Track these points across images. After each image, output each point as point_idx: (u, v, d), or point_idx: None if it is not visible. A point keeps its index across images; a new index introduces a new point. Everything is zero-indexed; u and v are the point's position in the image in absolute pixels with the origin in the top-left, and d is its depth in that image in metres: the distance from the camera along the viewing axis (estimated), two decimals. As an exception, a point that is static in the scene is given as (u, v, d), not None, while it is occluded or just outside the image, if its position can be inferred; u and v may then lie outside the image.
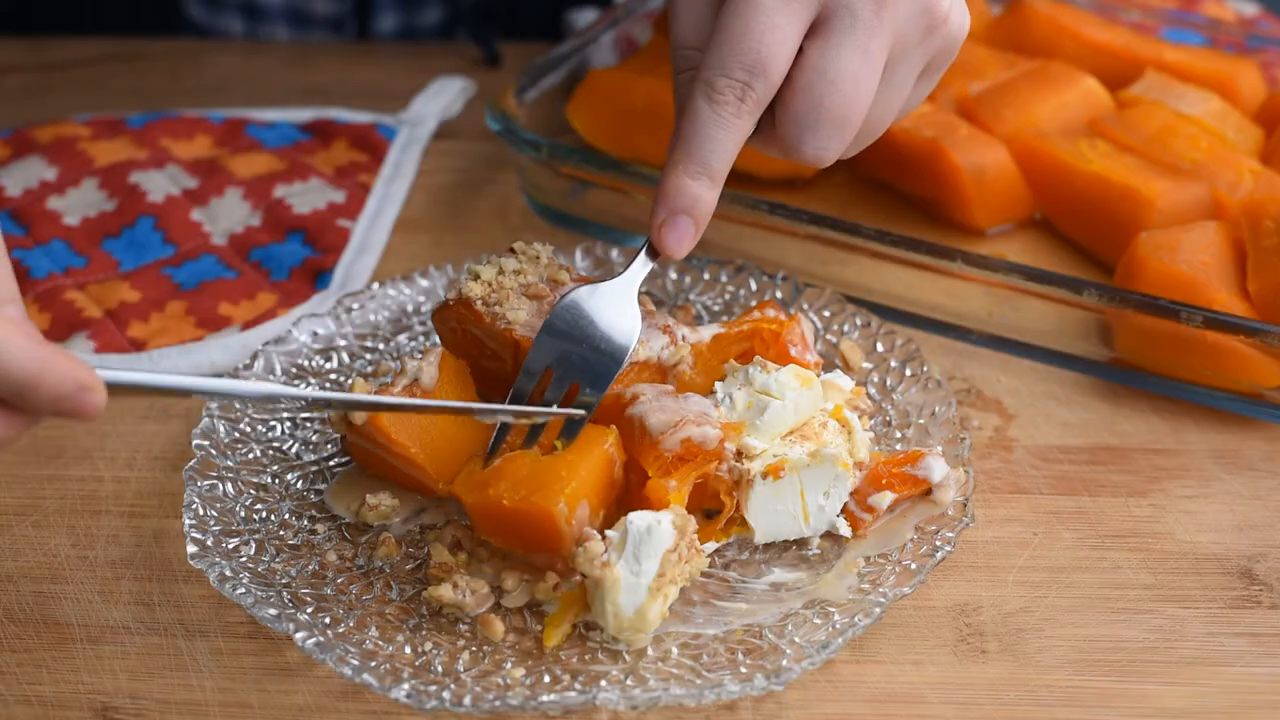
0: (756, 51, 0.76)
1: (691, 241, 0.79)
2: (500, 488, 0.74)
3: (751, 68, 0.76)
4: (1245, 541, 0.82)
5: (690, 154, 0.77)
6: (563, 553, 0.74)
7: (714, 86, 0.76)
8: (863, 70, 0.77)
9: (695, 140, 0.77)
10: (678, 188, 0.78)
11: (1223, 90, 1.11)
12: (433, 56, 1.34)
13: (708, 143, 0.77)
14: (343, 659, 0.71)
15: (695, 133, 0.77)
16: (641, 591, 0.71)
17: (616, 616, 0.71)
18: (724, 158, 0.78)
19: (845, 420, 0.80)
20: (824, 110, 0.77)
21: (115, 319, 0.96)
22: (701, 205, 0.78)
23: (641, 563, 0.71)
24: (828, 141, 0.78)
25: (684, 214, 0.78)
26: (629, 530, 0.72)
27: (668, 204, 0.78)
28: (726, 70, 0.76)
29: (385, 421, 0.78)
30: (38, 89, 1.28)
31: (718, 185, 0.78)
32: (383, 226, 1.08)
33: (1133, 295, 0.88)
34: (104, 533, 0.82)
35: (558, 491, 0.73)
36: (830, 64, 0.77)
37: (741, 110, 0.77)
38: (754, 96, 0.76)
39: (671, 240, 0.78)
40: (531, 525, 0.74)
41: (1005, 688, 0.74)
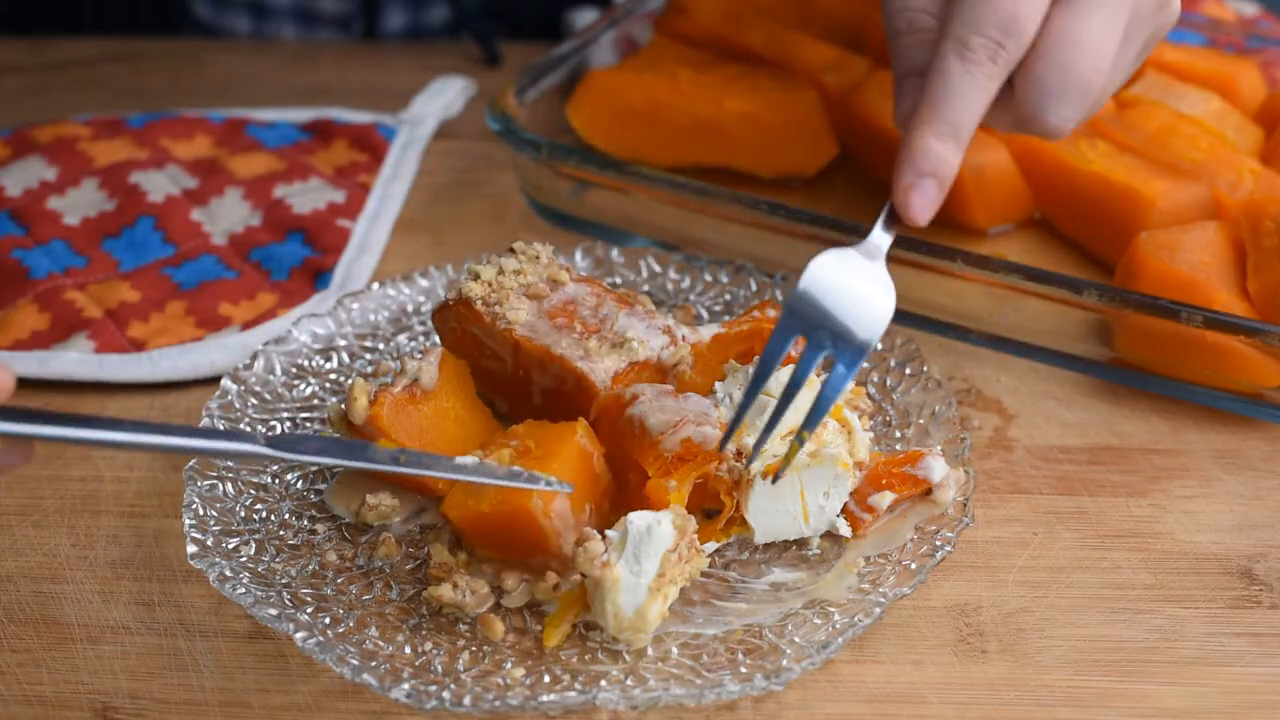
0: (1013, 11, 0.74)
1: (935, 207, 0.76)
2: (479, 496, 0.74)
3: (1006, 27, 0.74)
4: (1245, 541, 0.82)
5: (940, 114, 0.75)
6: (551, 550, 0.74)
7: (968, 45, 0.75)
8: (1108, 38, 0.76)
9: (947, 100, 0.75)
10: (925, 148, 0.76)
11: (1223, 90, 1.11)
12: (433, 56, 1.34)
13: (959, 102, 0.75)
14: (343, 659, 0.71)
15: (947, 92, 0.75)
16: (641, 591, 0.71)
17: (617, 616, 0.71)
18: (972, 119, 0.76)
19: (845, 420, 0.80)
20: (1071, 77, 0.76)
21: (115, 319, 0.96)
22: (947, 167, 0.76)
23: (641, 563, 0.71)
24: (1072, 111, 0.77)
25: (930, 176, 0.76)
26: (629, 530, 0.72)
27: (915, 165, 0.76)
28: (981, 29, 0.74)
29: (385, 421, 0.78)
30: (38, 89, 1.28)
31: (963, 149, 0.76)
32: (383, 226, 1.08)
33: (1133, 295, 0.88)
34: (104, 533, 0.82)
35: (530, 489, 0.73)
36: (1080, 30, 0.75)
37: (994, 71, 0.75)
38: (1005, 57, 0.75)
39: (919, 204, 0.76)
40: (514, 527, 0.74)
41: (1005, 688, 0.74)
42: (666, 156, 1.10)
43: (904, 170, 0.76)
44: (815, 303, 0.75)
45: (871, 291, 0.76)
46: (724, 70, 1.12)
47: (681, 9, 1.18)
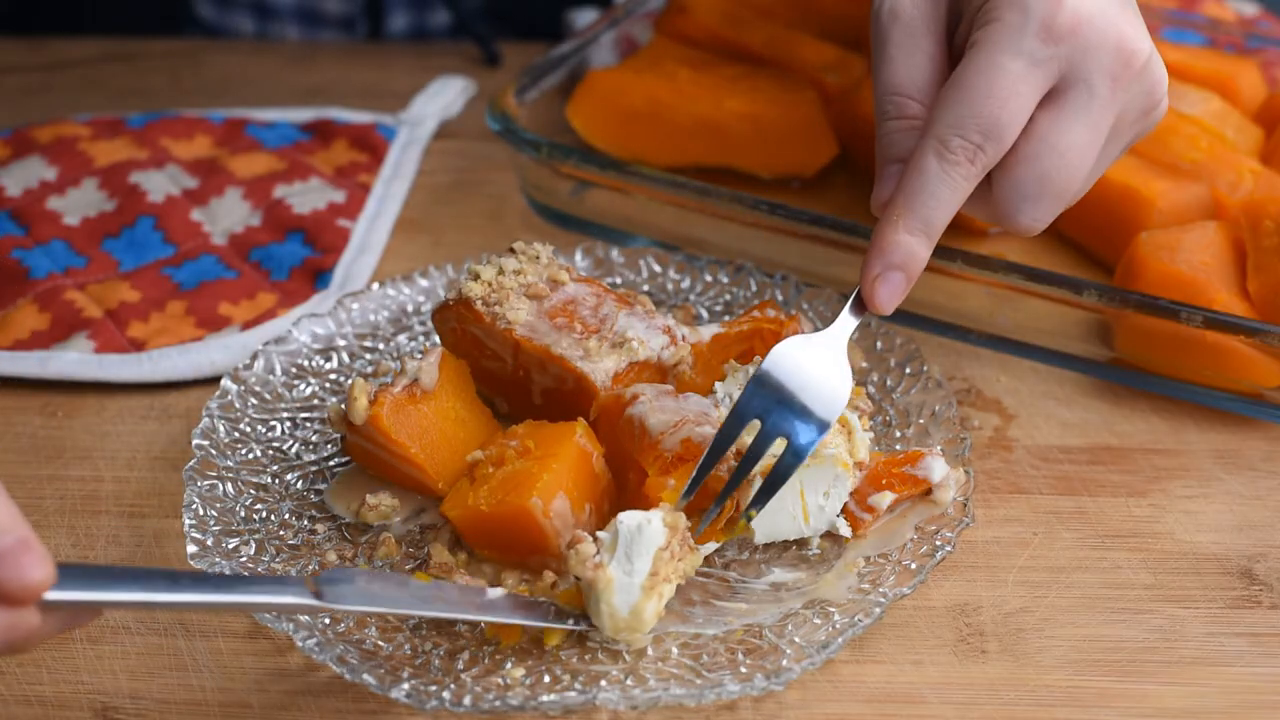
0: (996, 116, 0.76)
1: (901, 298, 0.78)
2: (478, 496, 0.74)
3: (988, 131, 0.76)
4: (1245, 541, 0.82)
5: (914, 210, 0.77)
6: (551, 550, 0.74)
7: (948, 145, 0.76)
8: (1090, 146, 0.78)
9: (921, 197, 0.77)
10: (895, 243, 0.77)
11: (1223, 90, 1.11)
12: (433, 56, 1.34)
13: (932, 201, 0.77)
14: (342, 659, 0.71)
15: (922, 189, 0.77)
16: (635, 591, 0.71)
17: (612, 617, 0.71)
18: (944, 217, 0.77)
19: (845, 420, 0.80)
20: (1048, 183, 0.78)
21: (115, 319, 0.96)
22: (915, 262, 0.78)
23: (634, 562, 0.71)
24: (1045, 214, 0.79)
25: (898, 270, 0.77)
26: (619, 530, 0.72)
27: (884, 258, 0.77)
28: (963, 130, 0.76)
29: (385, 421, 0.78)
30: (38, 89, 1.28)
31: (932, 244, 0.78)
32: (383, 226, 1.08)
33: (1133, 295, 0.88)
34: (104, 533, 0.82)
35: (530, 488, 0.73)
36: (1061, 137, 0.77)
37: (970, 173, 0.77)
38: (984, 160, 0.76)
39: (884, 295, 0.78)
40: (513, 527, 0.74)
41: (1005, 688, 0.74)
42: (666, 156, 1.10)
43: (873, 262, 0.78)
44: (776, 383, 0.76)
45: (829, 375, 0.77)
46: (724, 70, 1.12)
47: (681, 9, 1.18)
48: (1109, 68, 0.77)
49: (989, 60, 0.76)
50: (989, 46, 0.76)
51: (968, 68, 0.77)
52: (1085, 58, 0.77)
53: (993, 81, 0.76)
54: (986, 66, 0.76)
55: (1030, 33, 0.76)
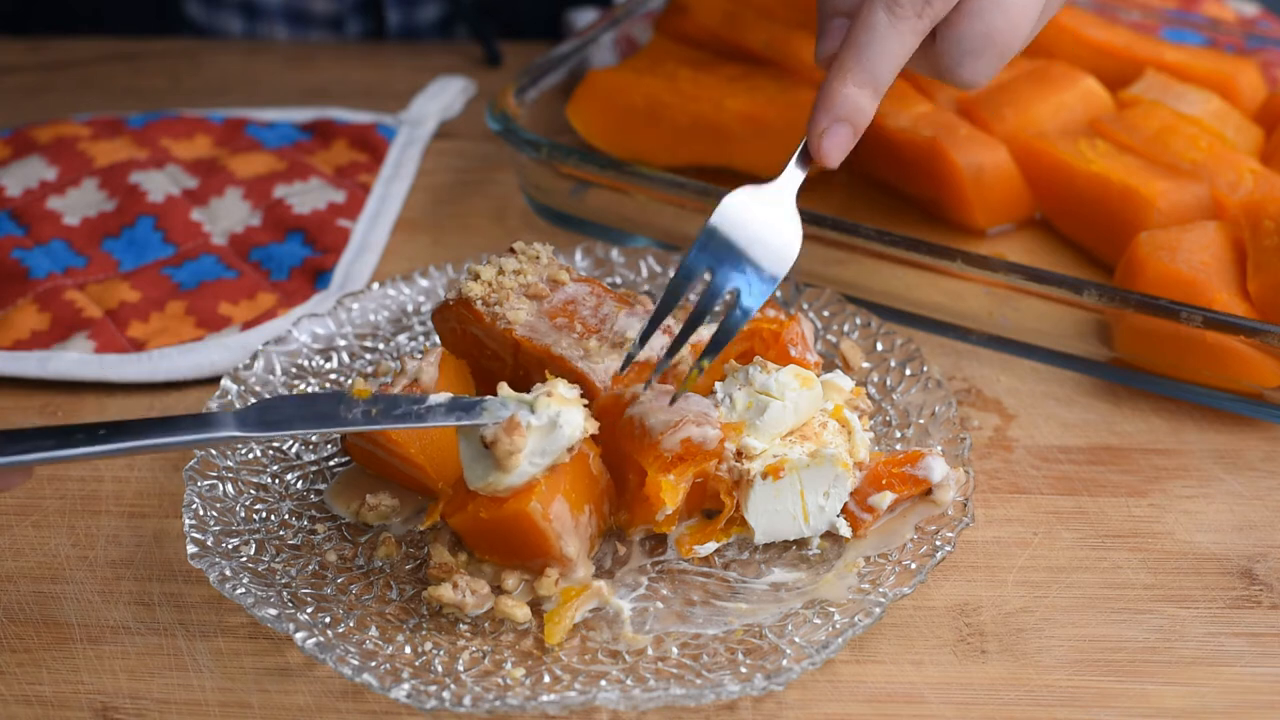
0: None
1: (847, 150, 0.78)
2: (477, 503, 0.74)
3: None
4: (1245, 541, 0.82)
5: (861, 63, 0.77)
6: (552, 553, 0.74)
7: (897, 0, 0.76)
8: (1033, 5, 0.78)
9: (869, 51, 0.76)
10: (844, 95, 0.77)
11: (1223, 90, 1.11)
12: (433, 56, 1.34)
13: (882, 54, 0.76)
14: (343, 659, 0.71)
15: (870, 43, 0.76)
16: (523, 478, 0.72)
17: (489, 483, 0.72)
18: (891, 70, 0.77)
19: (845, 420, 0.80)
20: (992, 38, 0.77)
21: (115, 319, 0.96)
22: (862, 114, 0.77)
23: (542, 457, 0.72)
24: (986, 69, 0.79)
25: (845, 122, 0.77)
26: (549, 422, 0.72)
27: (831, 110, 0.77)
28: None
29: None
30: (38, 89, 1.28)
31: (879, 97, 0.78)
32: (383, 226, 1.08)
33: (1133, 295, 0.88)
34: (104, 533, 0.82)
35: (529, 492, 0.73)
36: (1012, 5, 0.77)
37: (918, 26, 0.76)
38: (931, 14, 0.76)
39: (830, 147, 0.77)
40: (514, 531, 0.74)
41: (1005, 688, 0.74)
42: (666, 156, 1.10)
43: (819, 115, 0.78)
44: (725, 237, 0.76)
45: (781, 228, 0.77)
46: (724, 70, 1.12)
47: (681, 9, 1.18)
48: None
49: None
50: None
51: None
52: None
53: None
54: None
55: None
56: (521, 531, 0.73)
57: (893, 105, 1.08)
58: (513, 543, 0.75)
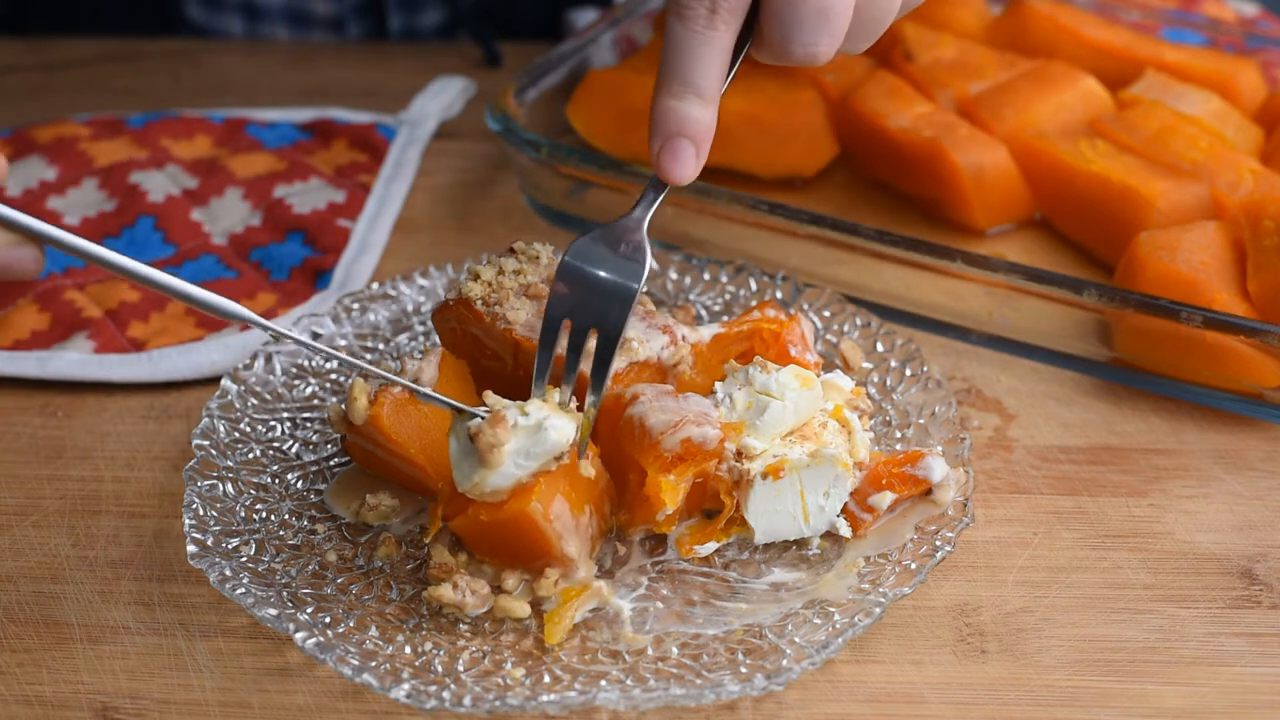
0: None
1: (694, 164, 0.76)
2: (477, 506, 0.74)
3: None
4: (1245, 541, 0.82)
5: (670, 74, 0.75)
6: (554, 554, 0.74)
7: (681, 3, 0.75)
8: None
9: (676, 61, 0.75)
10: (665, 110, 0.76)
11: (1223, 90, 1.11)
12: (433, 56, 1.34)
13: (685, 59, 0.75)
14: (343, 659, 0.71)
15: (675, 53, 0.75)
16: (507, 480, 0.72)
17: (476, 484, 0.72)
18: (707, 73, 0.75)
19: (845, 420, 0.80)
20: (804, 5, 0.74)
21: (115, 319, 0.96)
22: (692, 124, 0.76)
23: (528, 460, 0.72)
24: (814, 36, 0.76)
25: (677, 136, 0.76)
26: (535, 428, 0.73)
27: (659, 129, 0.76)
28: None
29: (385, 421, 0.78)
30: (38, 89, 1.28)
31: (709, 102, 0.76)
32: (383, 226, 1.08)
33: (1133, 295, 0.88)
34: (104, 533, 0.82)
35: (529, 493, 0.73)
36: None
37: (715, 22, 0.75)
38: (725, 5, 0.74)
39: (670, 165, 0.76)
40: (515, 533, 0.74)
41: (1005, 688, 0.74)
42: (666, 156, 1.09)
43: (652, 137, 0.76)
44: (576, 272, 0.76)
45: (630, 255, 0.77)
46: (724, 70, 1.12)
47: (681, 9, 1.18)
48: None
49: None
50: None
51: None
52: None
53: None
54: None
55: None
56: (522, 532, 0.73)
57: (893, 105, 1.08)
58: (514, 544, 0.75)
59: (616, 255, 0.77)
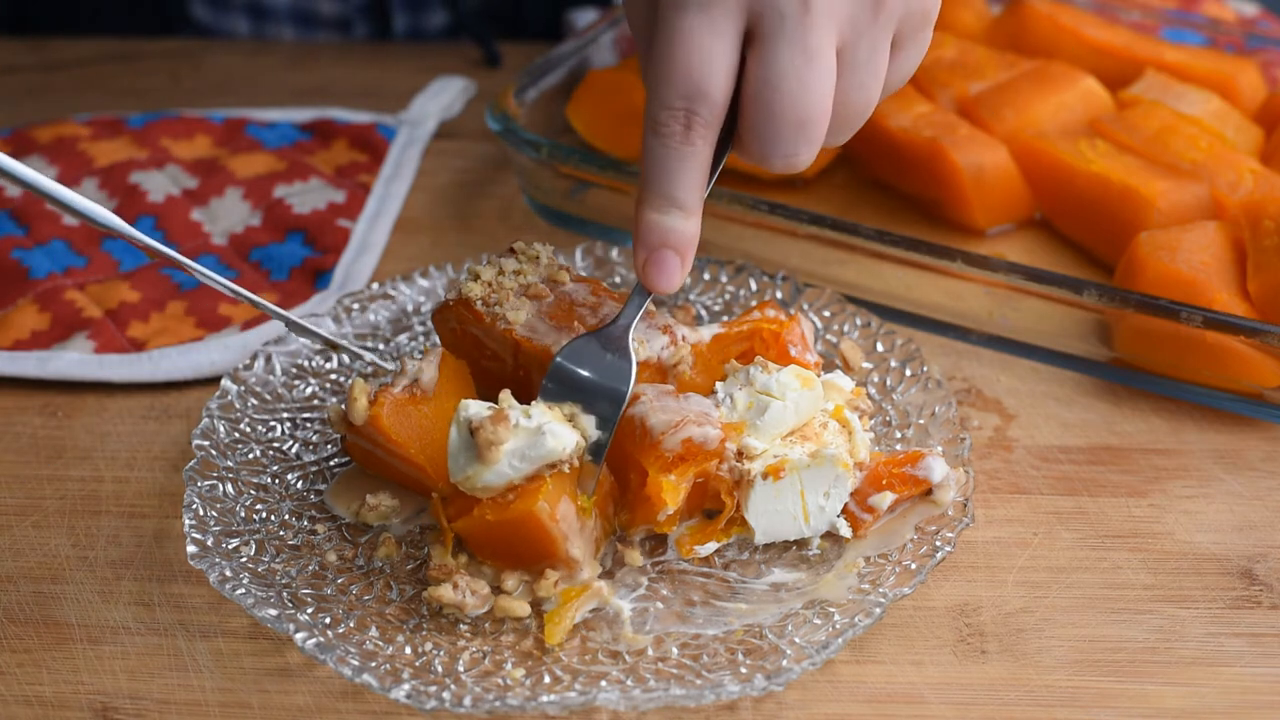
0: (688, 77, 0.74)
1: (678, 274, 0.77)
2: (484, 507, 0.74)
3: (689, 94, 0.74)
4: (1245, 541, 0.82)
5: (651, 189, 0.76)
6: (559, 555, 0.74)
7: (657, 120, 0.75)
8: (806, 68, 0.74)
9: (655, 176, 0.76)
10: (648, 224, 0.76)
11: (1223, 90, 1.11)
12: (433, 56, 1.34)
13: (665, 175, 0.76)
14: (343, 659, 0.71)
15: (653, 168, 0.76)
16: (501, 478, 0.73)
17: (469, 478, 0.73)
18: (687, 187, 0.76)
19: (845, 421, 0.80)
20: (777, 117, 0.75)
21: (115, 319, 0.96)
22: (676, 236, 0.76)
23: (523, 462, 0.73)
24: (793, 147, 0.76)
25: (661, 249, 0.77)
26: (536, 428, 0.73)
27: (643, 242, 0.77)
28: (665, 101, 0.75)
29: (385, 421, 0.78)
30: (38, 89, 1.28)
31: (691, 214, 0.76)
32: (383, 226, 1.08)
33: (1133, 295, 0.88)
34: (104, 533, 0.82)
35: (536, 493, 0.73)
36: (769, 70, 0.74)
37: (691, 137, 0.75)
38: (701, 120, 0.75)
39: (656, 277, 0.77)
40: (521, 534, 0.74)
41: (1005, 688, 0.74)
42: (666, 156, 1.09)
43: (636, 249, 0.77)
44: (569, 374, 0.78)
45: (618, 366, 0.79)
46: (724, 70, 1.12)
47: (681, 9, 1.18)
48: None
49: (669, 24, 0.74)
50: (666, 10, 0.75)
51: (655, 38, 0.75)
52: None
53: (676, 45, 0.74)
54: (669, 33, 0.74)
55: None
56: (528, 533, 0.73)
57: (893, 105, 1.08)
58: (518, 545, 0.75)
59: (601, 366, 0.79)
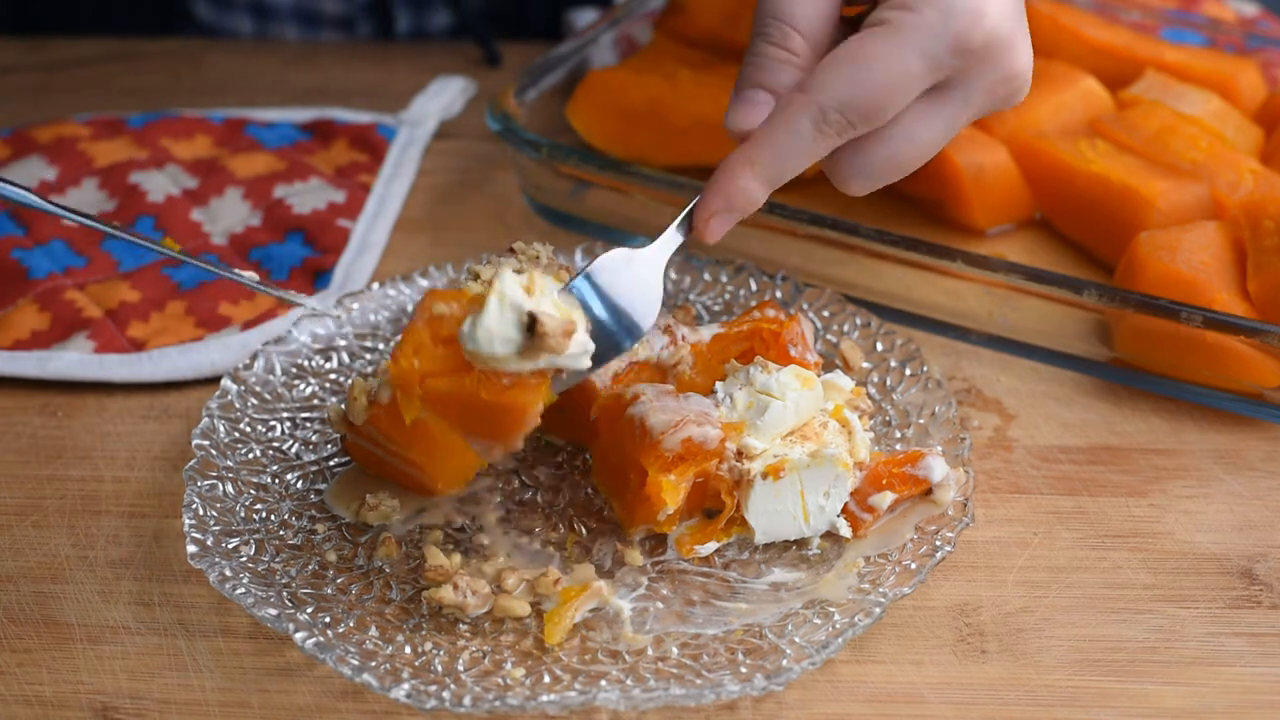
0: (882, 105, 0.76)
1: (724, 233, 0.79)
2: (477, 381, 0.73)
3: (869, 115, 0.76)
4: (1245, 541, 0.82)
5: (771, 163, 0.77)
6: (510, 445, 0.73)
7: (827, 119, 0.76)
8: (943, 140, 0.79)
9: (784, 154, 0.77)
10: (743, 189, 0.77)
11: (1223, 90, 1.11)
12: (433, 56, 1.34)
13: (794, 160, 0.77)
14: (343, 659, 0.71)
15: (788, 148, 0.76)
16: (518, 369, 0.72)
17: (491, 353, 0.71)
18: (795, 173, 0.78)
19: (845, 420, 0.81)
20: (893, 164, 0.79)
21: (115, 319, 0.96)
22: (754, 206, 0.78)
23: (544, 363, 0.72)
24: (876, 186, 0.80)
25: (737, 211, 0.78)
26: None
27: (727, 198, 0.77)
28: (846, 110, 0.76)
29: (386, 422, 0.78)
30: (38, 89, 1.28)
31: (772, 190, 0.79)
32: (383, 226, 1.08)
33: (1133, 295, 0.88)
34: (104, 533, 0.82)
35: (535, 393, 0.72)
36: (922, 130, 0.78)
37: (836, 142, 0.77)
38: (852, 134, 0.77)
39: (716, 231, 0.79)
40: (496, 416, 0.73)
41: (1005, 688, 0.74)
42: (666, 156, 1.09)
43: (715, 198, 0.78)
44: (596, 289, 0.78)
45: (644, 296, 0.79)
46: (724, 70, 1.12)
47: (681, 9, 1.18)
48: (991, 84, 0.78)
49: (893, 51, 0.75)
50: (898, 37, 0.76)
51: (869, 48, 0.76)
52: (978, 74, 0.77)
53: (891, 73, 0.75)
54: (888, 56, 0.75)
55: (943, 40, 0.75)
56: (506, 420, 0.73)
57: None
58: (484, 423, 0.74)
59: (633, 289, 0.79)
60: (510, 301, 0.72)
